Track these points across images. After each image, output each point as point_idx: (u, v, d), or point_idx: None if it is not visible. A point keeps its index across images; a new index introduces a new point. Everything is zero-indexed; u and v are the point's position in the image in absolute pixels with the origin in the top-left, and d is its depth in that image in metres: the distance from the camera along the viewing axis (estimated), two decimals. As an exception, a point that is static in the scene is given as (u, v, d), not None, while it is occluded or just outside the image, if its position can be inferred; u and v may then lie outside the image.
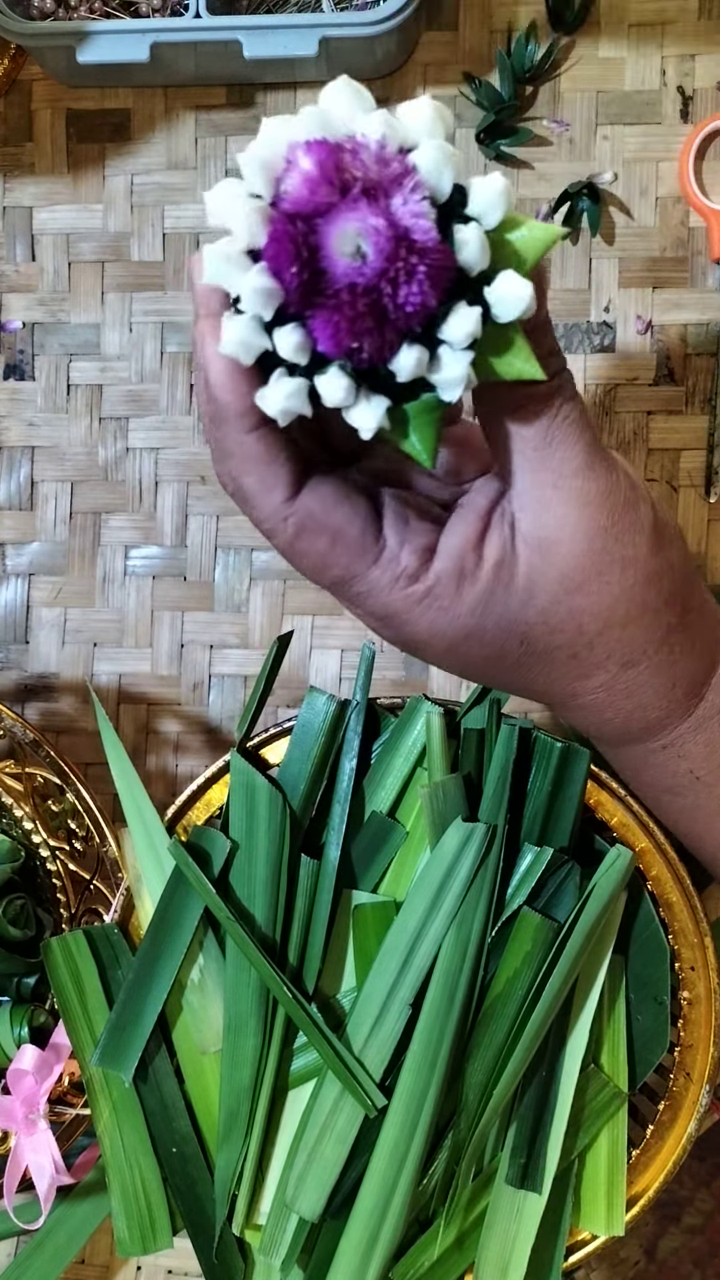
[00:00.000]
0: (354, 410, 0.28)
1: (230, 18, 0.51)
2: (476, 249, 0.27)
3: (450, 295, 0.27)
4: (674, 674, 0.36)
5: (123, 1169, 0.45)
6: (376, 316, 0.26)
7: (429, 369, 0.28)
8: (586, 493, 0.33)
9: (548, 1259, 0.43)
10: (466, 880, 0.42)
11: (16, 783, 0.50)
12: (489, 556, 0.33)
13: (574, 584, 0.33)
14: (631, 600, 0.34)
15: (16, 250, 0.58)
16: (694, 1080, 0.44)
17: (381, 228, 0.26)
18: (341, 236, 0.26)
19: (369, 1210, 0.42)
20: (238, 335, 0.28)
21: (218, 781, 0.46)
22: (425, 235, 0.26)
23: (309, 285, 0.27)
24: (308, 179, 0.26)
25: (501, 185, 0.27)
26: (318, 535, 0.33)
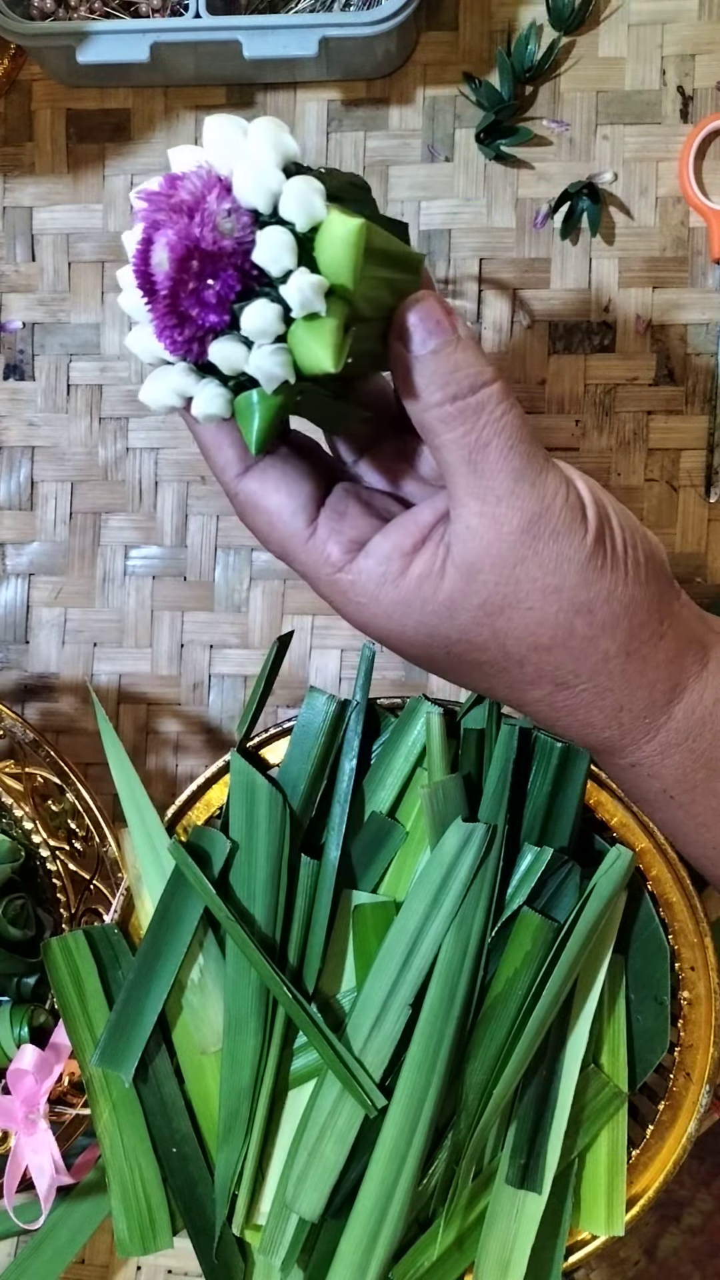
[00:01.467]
0: (194, 401, 0.32)
1: (230, 18, 0.51)
2: (268, 251, 0.30)
3: (250, 295, 0.30)
4: (617, 700, 0.36)
5: (123, 1169, 0.45)
6: (179, 316, 0.30)
7: (247, 365, 0.31)
8: (509, 522, 0.33)
9: (548, 1259, 0.43)
10: (466, 880, 0.42)
11: (16, 783, 0.50)
12: (415, 569, 0.34)
13: (494, 609, 0.34)
14: (557, 626, 0.34)
15: (16, 250, 0.58)
16: (694, 1080, 0.44)
17: (173, 240, 0.30)
18: (155, 254, 0.30)
19: (369, 1210, 0.42)
20: (134, 343, 0.33)
21: (218, 781, 0.46)
22: (210, 244, 0.30)
23: (149, 296, 0.31)
24: (144, 212, 0.30)
25: (296, 191, 0.30)
26: (256, 513, 0.36)
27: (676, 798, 0.37)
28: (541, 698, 0.36)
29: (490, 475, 0.33)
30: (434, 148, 0.56)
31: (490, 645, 0.35)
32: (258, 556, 0.57)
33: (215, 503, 0.57)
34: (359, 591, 0.35)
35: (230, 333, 0.31)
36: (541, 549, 0.34)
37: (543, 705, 0.36)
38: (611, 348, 0.55)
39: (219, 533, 0.57)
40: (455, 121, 0.55)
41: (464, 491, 0.34)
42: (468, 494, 0.33)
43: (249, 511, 0.36)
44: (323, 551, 0.35)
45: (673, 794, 0.37)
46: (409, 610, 0.35)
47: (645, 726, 0.36)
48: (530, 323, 0.56)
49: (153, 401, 0.33)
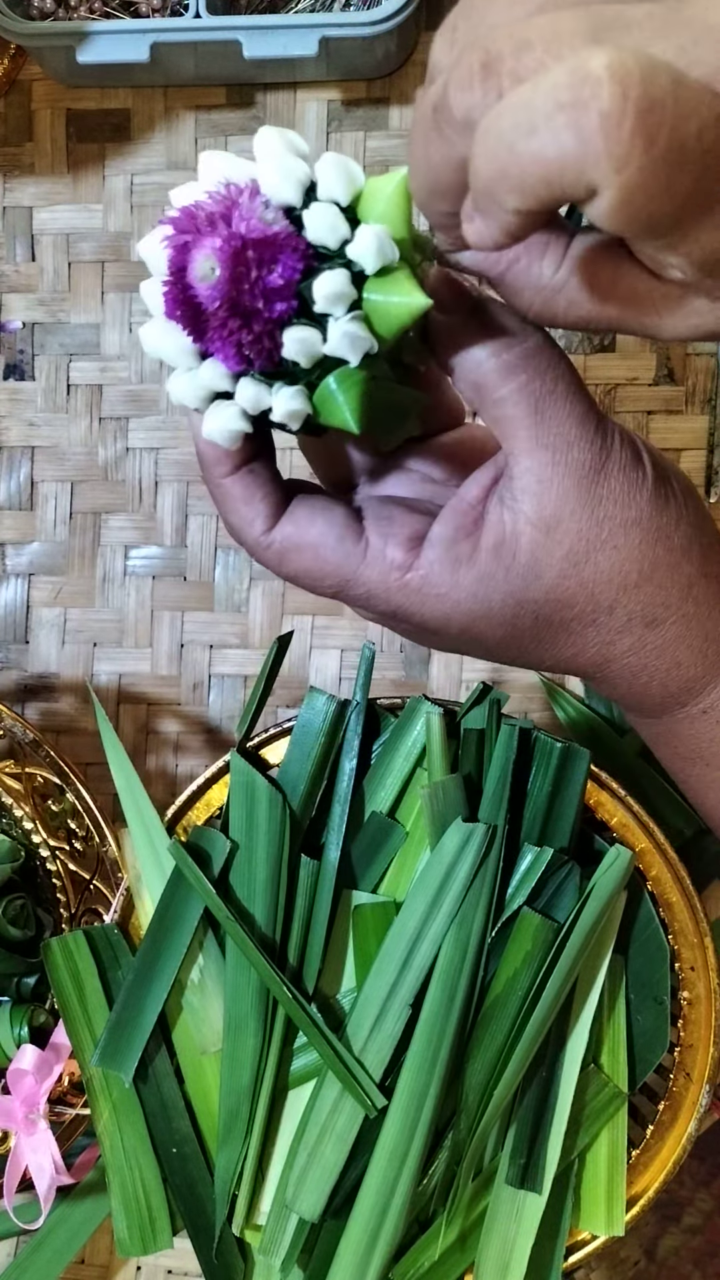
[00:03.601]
0: (274, 407, 0.31)
1: (230, 18, 0.51)
2: (322, 224, 0.29)
3: (311, 273, 0.30)
4: (704, 628, 0.36)
5: (123, 1169, 0.45)
6: (243, 316, 0.29)
7: (326, 344, 0.30)
8: (584, 464, 0.33)
9: (548, 1259, 0.43)
10: (466, 880, 0.42)
11: (16, 783, 0.50)
12: (485, 542, 0.34)
13: (581, 555, 0.33)
14: (643, 560, 0.34)
15: (16, 250, 0.58)
16: (694, 1080, 0.44)
17: (218, 244, 0.29)
18: (197, 269, 0.29)
19: (369, 1210, 0.42)
20: (179, 389, 0.31)
21: (218, 782, 0.46)
22: (259, 233, 0.29)
23: (195, 322, 0.30)
24: (169, 239, 0.30)
25: (333, 166, 0.30)
26: (300, 554, 0.34)
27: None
28: (631, 645, 0.35)
29: (559, 421, 0.32)
30: (434, 148, 0.56)
31: (579, 597, 0.34)
32: (258, 556, 0.57)
33: (215, 503, 0.57)
34: (434, 584, 0.34)
35: (298, 321, 0.30)
36: (615, 486, 0.33)
37: (632, 654, 0.35)
38: (611, 348, 0.55)
39: (219, 533, 0.57)
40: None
41: (531, 443, 0.33)
42: (536, 445, 0.33)
43: (290, 556, 0.34)
44: (384, 559, 0.34)
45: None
46: (493, 584, 0.34)
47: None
48: (530, 323, 0.56)
49: (220, 434, 0.31)
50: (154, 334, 0.31)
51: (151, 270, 0.31)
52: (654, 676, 0.36)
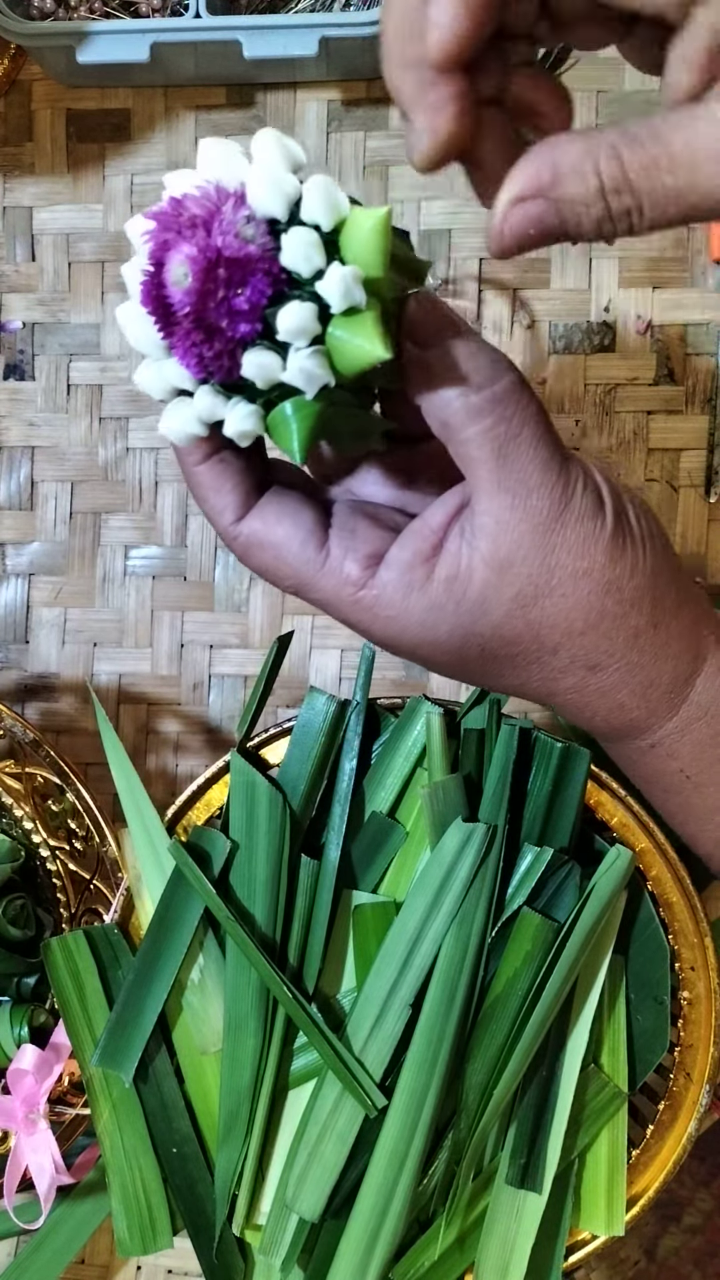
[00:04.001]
0: (226, 425, 0.31)
1: (230, 18, 0.51)
2: (297, 251, 0.29)
3: (281, 300, 0.30)
4: (648, 675, 0.36)
5: (123, 1169, 0.45)
6: (206, 331, 0.29)
7: (285, 373, 0.30)
8: (541, 511, 0.33)
9: (548, 1259, 0.43)
10: (466, 880, 0.42)
11: (16, 783, 0.50)
12: (440, 572, 0.34)
13: (529, 598, 0.34)
14: (589, 610, 0.34)
15: (16, 250, 0.58)
16: (694, 1080, 0.44)
17: (193, 252, 0.29)
18: (173, 270, 0.29)
19: (369, 1210, 0.42)
20: (144, 378, 0.32)
21: (218, 782, 0.46)
22: (235, 250, 0.29)
23: (165, 320, 0.30)
24: (151, 234, 0.30)
25: (319, 190, 0.29)
26: (262, 550, 0.35)
27: (692, 777, 0.38)
28: (574, 685, 0.36)
29: (521, 466, 0.33)
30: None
31: (524, 637, 0.35)
32: (258, 556, 0.57)
33: (215, 503, 0.57)
34: (386, 605, 0.34)
35: (260, 343, 0.30)
36: (570, 535, 0.34)
37: (574, 693, 0.36)
38: (611, 348, 0.55)
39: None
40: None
41: (492, 485, 0.33)
42: (497, 487, 0.33)
43: (254, 551, 0.35)
44: (341, 572, 0.34)
45: (689, 774, 0.38)
46: (442, 614, 0.34)
47: (670, 701, 0.37)
48: (530, 323, 0.56)
49: (175, 434, 0.32)
50: (129, 317, 0.31)
51: (135, 251, 0.31)
52: (596, 713, 0.37)
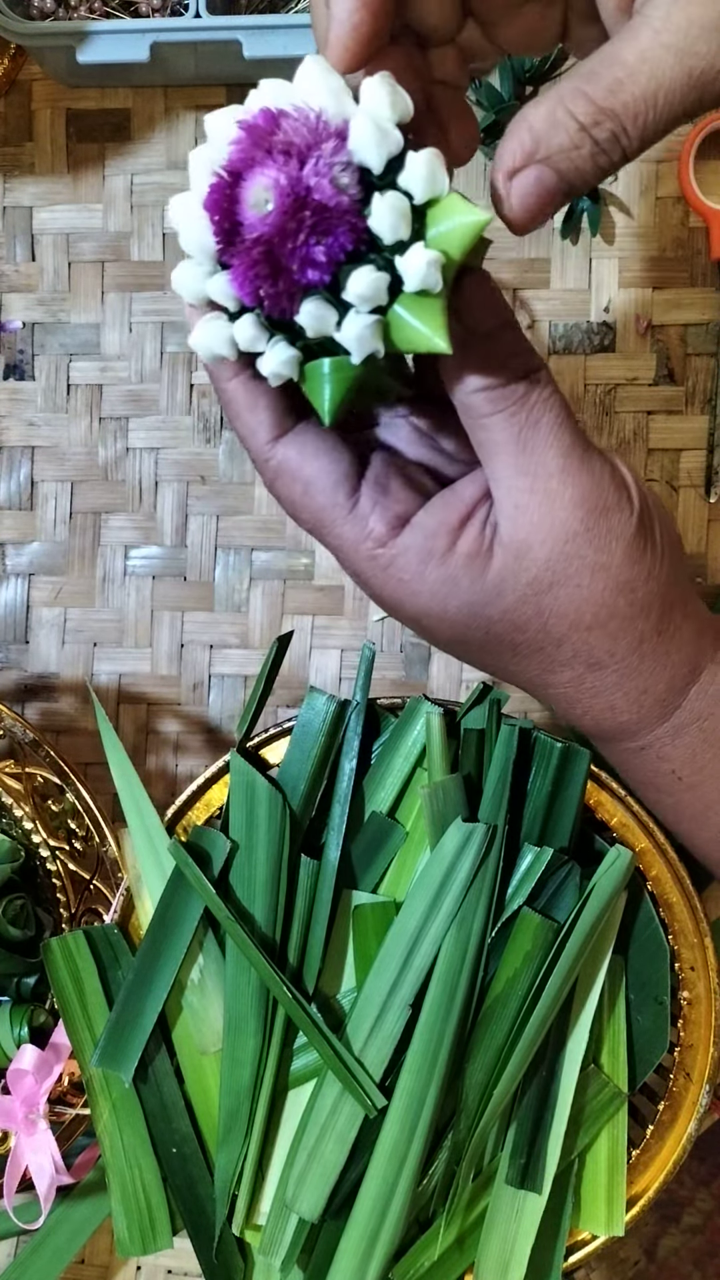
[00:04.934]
0: (263, 358, 0.30)
1: (230, 18, 0.51)
2: (387, 218, 0.28)
3: (356, 258, 0.29)
4: (644, 681, 0.36)
5: (122, 1169, 0.45)
6: (273, 267, 0.28)
7: (338, 330, 0.29)
8: (561, 497, 0.33)
9: (548, 1259, 0.43)
10: (466, 880, 0.42)
11: (16, 783, 0.50)
12: (462, 547, 0.34)
13: (543, 585, 0.34)
14: (600, 605, 0.34)
15: (16, 250, 0.58)
16: (694, 1080, 0.44)
17: (283, 183, 0.27)
18: (254, 190, 0.28)
19: (369, 1210, 0.42)
20: (184, 279, 0.30)
21: (218, 781, 0.46)
22: (328, 196, 0.28)
23: (228, 235, 0.29)
24: (237, 140, 0.28)
25: (426, 163, 0.28)
26: (292, 482, 0.34)
27: (685, 779, 0.37)
28: (570, 680, 0.36)
29: (540, 452, 0.33)
30: (434, 148, 0.56)
31: (532, 624, 0.34)
32: (258, 556, 0.57)
33: (215, 502, 0.57)
34: (402, 568, 0.34)
35: (321, 293, 0.29)
36: (593, 525, 0.33)
37: (569, 688, 0.36)
38: (611, 348, 0.55)
39: (219, 533, 0.57)
40: None
41: (511, 470, 0.33)
42: (516, 472, 0.33)
43: (283, 479, 0.34)
44: (365, 526, 0.34)
45: (681, 775, 0.37)
46: (455, 589, 0.34)
47: (662, 709, 0.36)
48: (530, 323, 0.56)
49: (204, 350, 0.31)
50: (185, 212, 0.29)
51: (211, 140, 0.29)
52: (587, 711, 0.37)
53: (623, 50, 0.29)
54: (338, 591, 0.57)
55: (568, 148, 0.29)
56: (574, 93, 0.29)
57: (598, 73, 0.29)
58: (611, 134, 0.29)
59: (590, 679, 0.35)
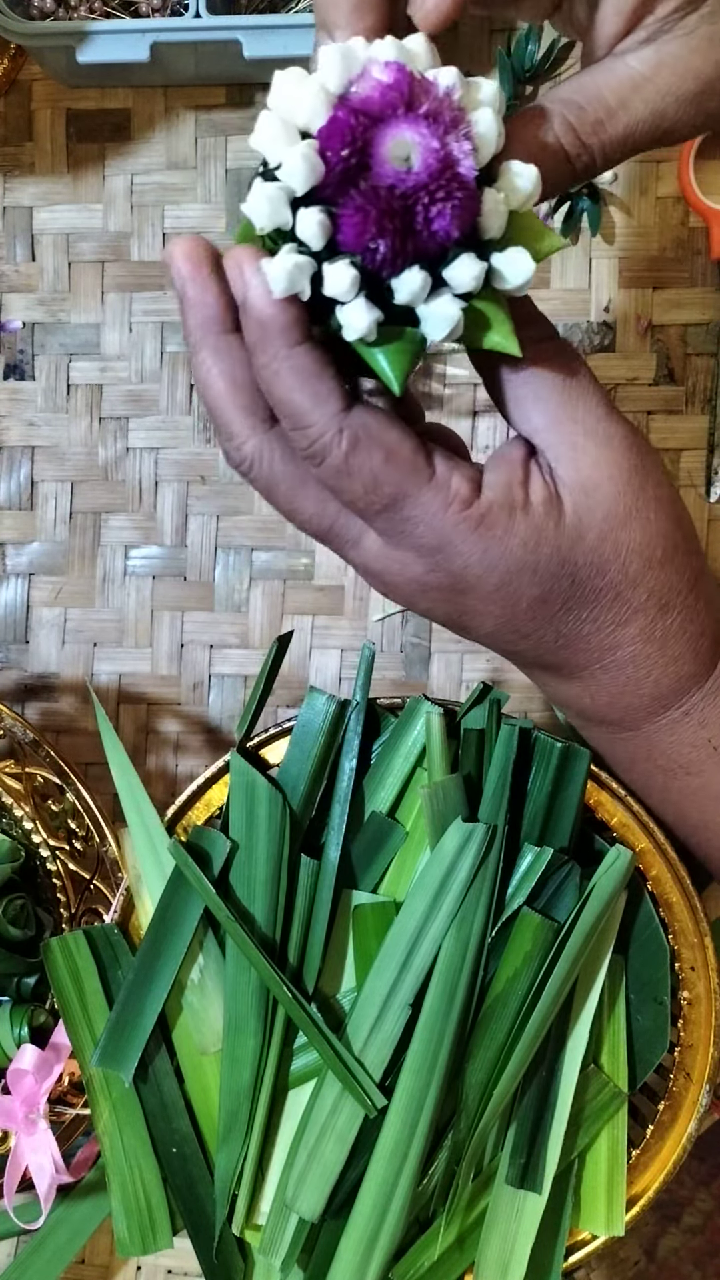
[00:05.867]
0: (348, 308, 0.29)
1: (230, 18, 0.51)
2: (497, 213, 0.29)
3: (463, 244, 0.29)
4: (701, 623, 0.37)
5: (122, 1169, 0.45)
6: (404, 222, 0.28)
7: (425, 301, 0.30)
8: (615, 435, 0.34)
9: (547, 1259, 0.43)
10: (466, 880, 0.42)
11: (16, 783, 0.50)
12: (535, 496, 0.34)
13: (619, 520, 0.35)
14: (667, 538, 0.35)
15: (16, 250, 0.58)
16: (694, 1080, 0.44)
17: (435, 148, 0.28)
18: (397, 142, 0.28)
19: (369, 1210, 0.42)
20: (262, 198, 0.29)
21: (218, 781, 0.46)
22: (469, 171, 0.28)
23: (349, 174, 0.28)
24: (382, 85, 0.28)
25: (534, 176, 0.30)
26: (372, 449, 0.32)
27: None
28: (643, 629, 0.36)
29: (585, 399, 0.34)
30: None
31: (612, 565, 0.35)
32: (258, 556, 0.57)
33: (215, 502, 0.57)
34: (493, 522, 0.33)
35: (425, 265, 0.29)
36: (645, 462, 0.35)
37: (640, 641, 0.36)
38: (611, 348, 0.55)
39: (219, 533, 0.57)
40: None
41: (560, 417, 0.34)
42: (565, 418, 0.34)
43: (362, 447, 0.32)
44: (449, 488, 0.33)
45: (718, 744, 0.38)
46: (544, 536, 0.34)
47: (713, 655, 0.38)
48: (530, 323, 0.56)
49: (279, 282, 0.29)
50: (281, 133, 0.29)
51: (327, 71, 0.29)
52: (651, 671, 0.37)
53: (605, 91, 0.33)
54: (338, 591, 0.57)
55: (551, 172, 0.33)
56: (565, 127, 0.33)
57: (584, 109, 0.33)
58: (586, 165, 0.34)
59: (660, 624, 0.36)
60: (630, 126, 0.33)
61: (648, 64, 0.33)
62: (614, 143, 0.33)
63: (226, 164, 0.57)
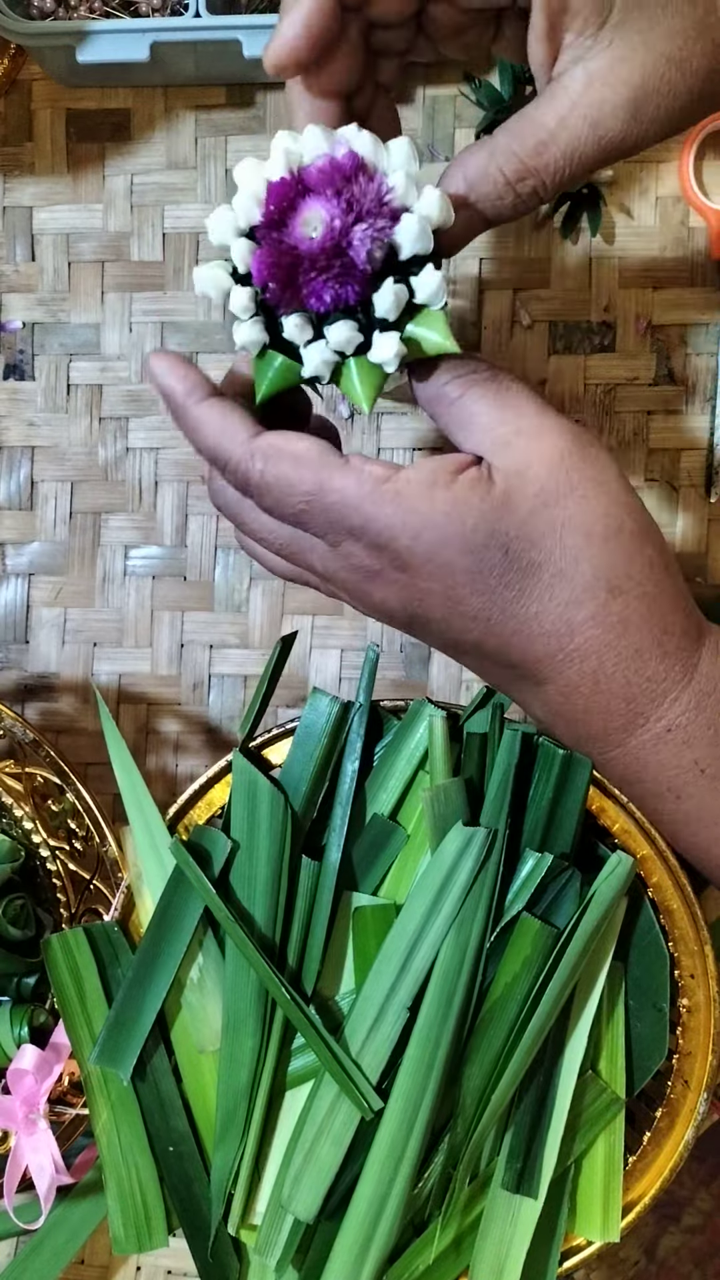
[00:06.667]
0: (309, 349, 0.36)
1: (230, 17, 0.51)
2: (389, 301, 0.35)
3: (348, 312, 0.35)
4: (664, 618, 0.37)
5: (119, 1167, 0.45)
6: (289, 277, 0.35)
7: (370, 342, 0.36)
8: (547, 428, 0.36)
9: (542, 1264, 0.43)
10: (466, 884, 0.42)
11: (16, 783, 0.50)
12: (463, 478, 0.35)
13: (551, 496, 0.35)
14: (608, 517, 0.36)
15: (16, 250, 0.58)
16: (692, 1088, 0.44)
17: (335, 227, 0.34)
18: (311, 213, 0.34)
19: (364, 1212, 0.42)
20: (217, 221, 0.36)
21: (219, 781, 0.46)
22: (359, 261, 0.34)
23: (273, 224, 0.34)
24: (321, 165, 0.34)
25: (436, 282, 0.35)
26: (281, 460, 0.36)
27: (708, 770, 0.38)
28: (595, 612, 0.36)
29: (517, 404, 0.36)
30: (434, 148, 0.55)
31: (547, 537, 0.35)
32: (258, 557, 0.57)
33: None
34: (410, 496, 0.35)
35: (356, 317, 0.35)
36: (581, 449, 0.36)
37: (594, 625, 0.36)
38: (611, 348, 0.55)
39: (219, 533, 0.57)
40: (455, 121, 0.55)
41: (493, 421, 0.36)
42: (498, 421, 0.36)
43: (272, 460, 0.36)
44: (364, 470, 0.35)
45: (704, 765, 0.38)
46: (467, 508, 0.35)
47: (682, 657, 0.37)
48: (530, 323, 0.55)
49: (200, 282, 0.36)
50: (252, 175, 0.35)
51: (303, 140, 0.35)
52: (617, 665, 0.37)
53: (545, 115, 0.35)
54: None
55: (493, 197, 0.36)
56: (505, 152, 0.35)
57: (524, 134, 0.35)
58: (533, 189, 0.36)
59: (614, 608, 0.36)
60: (571, 144, 0.35)
61: (578, 81, 0.34)
62: (559, 161, 0.35)
63: (226, 164, 0.56)
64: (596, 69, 0.34)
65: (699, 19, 0.34)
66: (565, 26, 0.35)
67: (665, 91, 0.35)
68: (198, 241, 0.57)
